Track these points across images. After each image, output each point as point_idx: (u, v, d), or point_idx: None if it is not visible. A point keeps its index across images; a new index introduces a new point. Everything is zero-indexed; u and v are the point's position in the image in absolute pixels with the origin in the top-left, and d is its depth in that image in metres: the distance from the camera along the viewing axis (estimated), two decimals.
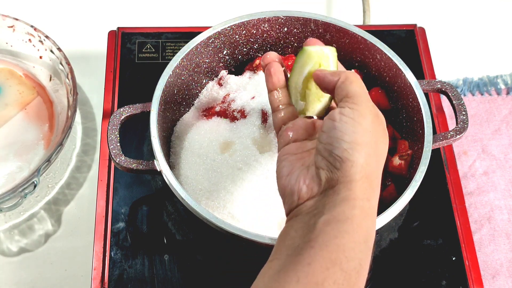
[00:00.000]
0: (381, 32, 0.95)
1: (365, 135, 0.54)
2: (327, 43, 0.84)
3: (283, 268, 0.49)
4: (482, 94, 1.01)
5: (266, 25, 0.84)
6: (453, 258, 0.80)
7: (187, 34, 0.96)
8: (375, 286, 0.79)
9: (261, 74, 0.84)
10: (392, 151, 0.81)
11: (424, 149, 0.73)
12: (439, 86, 0.81)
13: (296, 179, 0.57)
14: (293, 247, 0.51)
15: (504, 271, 0.86)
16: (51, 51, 0.91)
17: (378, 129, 0.56)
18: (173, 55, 0.79)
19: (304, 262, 0.48)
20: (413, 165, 0.77)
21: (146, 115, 0.75)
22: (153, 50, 0.95)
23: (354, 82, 0.57)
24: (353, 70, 0.84)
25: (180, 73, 0.80)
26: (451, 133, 0.78)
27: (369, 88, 0.71)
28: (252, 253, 0.77)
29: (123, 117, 0.76)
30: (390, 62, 0.79)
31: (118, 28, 0.96)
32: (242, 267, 0.78)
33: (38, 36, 0.92)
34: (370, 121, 0.55)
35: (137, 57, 0.94)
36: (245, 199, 0.75)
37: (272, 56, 0.64)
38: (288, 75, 0.64)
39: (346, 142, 0.53)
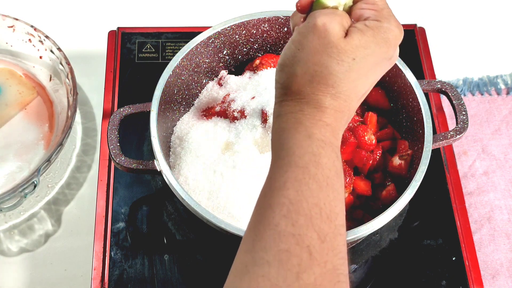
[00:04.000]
0: None
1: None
2: None
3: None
4: (482, 94, 1.01)
5: (266, 25, 0.83)
6: (453, 258, 0.80)
7: (187, 34, 0.96)
8: (375, 286, 0.79)
9: (261, 74, 0.84)
10: (392, 151, 0.81)
11: (424, 149, 0.74)
12: (439, 86, 0.81)
13: None
14: None
15: (504, 271, 0.86)
16: (51, 51, 0.91)
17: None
18: (173, 55, 0.79)
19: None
20: (413, 165, 0.77)
21: (146, 115, 0.75)
22: (153, 50, 0.95)
23: None
24: None
25: (180, 73, 0.80)
26: (451, 133, 0.78)
27: None
28: None
29: (123, 117, 0.76)
30: None
31: (118, 28, 0.96)
32: None
33: (38, 36, 0.92)
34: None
35: (137, 57, 0.94)
36: (245, 199, 0.75)
37: None
38: None
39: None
